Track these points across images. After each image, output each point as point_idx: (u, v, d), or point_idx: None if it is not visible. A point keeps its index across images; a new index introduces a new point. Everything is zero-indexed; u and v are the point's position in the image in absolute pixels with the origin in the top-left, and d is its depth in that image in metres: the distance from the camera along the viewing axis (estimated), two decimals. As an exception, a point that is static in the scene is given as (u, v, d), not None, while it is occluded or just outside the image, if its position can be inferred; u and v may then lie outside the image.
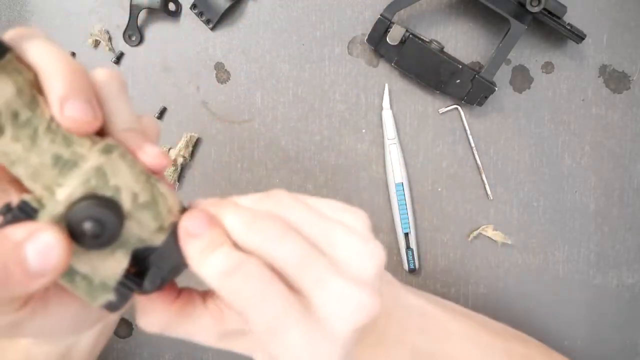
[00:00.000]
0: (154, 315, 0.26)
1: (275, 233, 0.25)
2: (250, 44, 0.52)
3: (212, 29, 0.51)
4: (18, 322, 0.23)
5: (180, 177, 0.53)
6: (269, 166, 0.52)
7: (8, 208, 0.22)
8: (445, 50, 0.50)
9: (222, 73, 0.52)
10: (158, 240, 0.25)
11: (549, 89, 0.51)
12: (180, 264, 0.25)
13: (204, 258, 0.24)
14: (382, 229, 0.52)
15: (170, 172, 0.52)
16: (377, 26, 0.48)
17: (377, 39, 0.48)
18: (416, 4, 0.48)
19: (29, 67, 0.23)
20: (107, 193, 0.23)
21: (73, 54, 0.52)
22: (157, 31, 0.52)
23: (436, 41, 0.48)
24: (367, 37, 0.49)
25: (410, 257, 0.51)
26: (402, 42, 0.47)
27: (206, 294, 0.28)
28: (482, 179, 0.51)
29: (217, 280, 0.24)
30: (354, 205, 0.29)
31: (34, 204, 0.22)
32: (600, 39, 0.50)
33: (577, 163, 0.51)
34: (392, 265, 0.52)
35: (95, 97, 0.24)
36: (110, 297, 0.24)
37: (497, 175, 0.51)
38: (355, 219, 0.27)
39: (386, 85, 0.51)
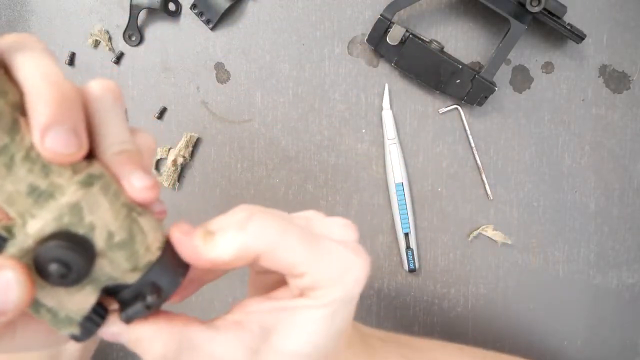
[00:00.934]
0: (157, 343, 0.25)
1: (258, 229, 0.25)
2: (250, 44, 0.52)
3: (212, 29, 0.51)
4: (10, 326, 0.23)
5: (180, 177, 0.53)
6: (269, 166, 0.52)
7: None
8: (445, 50, 0.50)
9: (222, 73, 0.52)
10: (130, 279, 0.24)
11: (549, 89, 0.51)
12: (154, 303, 0.24)
13: (210, 239, 0.24)
14: (382, 229, 0.52)
15: (170, 172, 0.52)
16: (377, 26, 0.48)
17: (377, 39, 0.48)
18: (416, 4, 0.48)
19: (16, 86, 0.22)
20: (80, 231, 0.22)
21: (73, 54, 0.52)
22: (157, 31, 0.52)
23: (436, 41, 0.48)
24: (367, 37, 0.49)
25: (410, 257, 0.51)
26: (402, 42, 0.47)
27: None
28: (482, 179, 0.51)
29: (237, 243, 0.24)
30: (354, 205, 0.29)
31: (4, 233, 0.22)
32: (600, 39, 0.50)
33: (577, 163, 0.51)
34: (392, 265, 0.52)
35: (83, 122, 0.22)
36: (75, 330, 0.24)
37: (497, 175, 0.51)
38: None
39: (386, 85, 0.51)
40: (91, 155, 0.23)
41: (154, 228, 0.24)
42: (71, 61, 0.52)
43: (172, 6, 0.51)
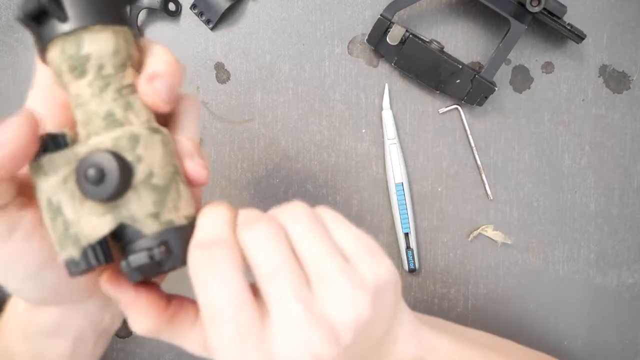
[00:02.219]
0: (143, 319, 0.26)
1: (262, 236, 0.24)
2: (250, 44, 0.52)
3: (212, 29, 0.51)
4: (13, 221, 0.24)
5: (180, 177, 0.53)
6: (269, 166, 0.52)
7: (48, 136, 0.24)
8: (445, 50, 0.50)
9: (222, 73, 0.52)
10: (148, 228, 0.24)
11: (549, 89, 0.51)
12: (159, 258, 0.24)
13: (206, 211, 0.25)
14: (382, 229, 0.52)
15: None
16: (377, 26, 0.48)
17: (377, 39, 0.48)
18: (416, 4, 0.48)
19: (139, 50, 0.26)
20: (128, 157, 0.24)
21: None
22: (157, 31, 0.52)
23: (436, 41, 0.48)
24: (367, 37, 0.49)
25: (410, 257, 0.51)
26: (402, 42, 0.47)
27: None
28: (482, 179, 0.51)
29: (192, 245, 0.24)
30: (354, 205, 0.28)
31: (68, 140, 0.24)
32: (600, 39, 0.50)
33: (577, 163, 0.51)
34: (392, 265, 0.52)
35: (176, 94, 0.26)
36: (75, 254, 0.24)
37: (497, 175, 0.51)
38: (373, 267, 0.25)
39: (386, 85, 0.51)
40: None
41: (188, 199, 0.26)
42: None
43: (172, 6, 0.51)
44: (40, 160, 0.24)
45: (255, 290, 0.25)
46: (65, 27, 0.24)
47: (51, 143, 0.24)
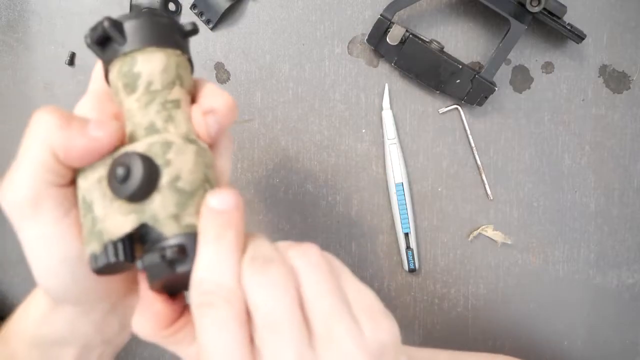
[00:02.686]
0: (146, 325, 0.25)
1: (270, 282, 0.23)
2: (250, 44, 0.52)
3: (212, 29, 0.51)
4: (70, 202, 0.26)
5: (180, 177, 0.53)
6: (269, 166, 0.52)
7: None
8: (445, 50, 0.50)
9: (222, 73, 0.52)
10: (169, 229, 0.24)
11: (549, 89, 0.51)
12: (172, 259, 0.24)
13: (206, 241, 0.24)
14: (382, 229, 0.52)
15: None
16: (377, 26, 0.48)
17: (377, 39, 0.48)
18: (416, 4, 0.48)
19: (191, 75, 0.29)
20: (157, 161, 0.25)
21: (73, 54, 0.52)
22: (157, 31, 0.52)
23: (436, 41, 0.48)
24: (367, 37, 0.49)
25: (410, 257, 0.51)
26: (402, 42, 0.47)
27: None
28: (482, 179, 0.51)
29: (194, 277, 0.23)
30: (354, 205, 0.28)
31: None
32: (600, 39, 0.50)
33: (577, 163, 0.51)
34: (392, 265, 0.52)
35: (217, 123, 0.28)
36: (97, 249, 0.25)
37: (497, 175, 0.51)
38: (376, 330, 0.24)
39: (386, 85, 0.51)
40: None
41: None
42: (71, 61, 0.52)
43: (172, 6, 0.51)
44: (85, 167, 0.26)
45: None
46: (123, 49, 0.27)
47: None
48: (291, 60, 0.51)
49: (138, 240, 0.25)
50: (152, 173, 0.25)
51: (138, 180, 0.24)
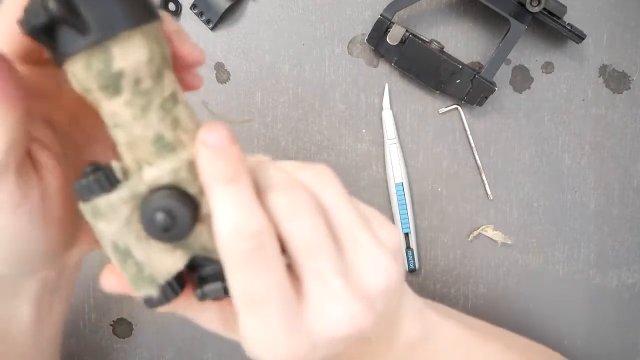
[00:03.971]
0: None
1: (297, 208, 0.23)
2: (250, 44, 0.52)
3: (212, 29, 0.51)
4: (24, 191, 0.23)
5: (180, 177, 0.53)
6: (269, 166, 0.52)
7: (95, 168, 0.22)
8: (445, 50, 0.50)
9: (222, 73, 0.52)
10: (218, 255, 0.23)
11: (549, 89, 0.51)
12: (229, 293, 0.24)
13: (222, 186, 0.22)
14: (382, 229, 0.52)
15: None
16: (377, 26, 0.48)
17: (377, 39, 0.48)
18: (416, 4, 0.48)
19: (168, 41, 0.23)
20: (191, 190, 0.22)
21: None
22: (157, 31, 0.52)
23: (436, 41, 0.48)
24: (367, 37, 0.49)
25: (410, 257, 0.51)
26: (402, 42, 0.47)
27: None
28: (482, 179, 0.51)
29: (224, 231, 0.22)
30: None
31: (119, 175, 0.22)
32: (600, 39, 0.50)
33: (577, 163, 0.51)
34: (392, 265, 0.52)
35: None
36: (153, 292, 0.23)
37: (497, 175, 0.51)
38: (390, 235, 0.26)
39: (386, 85, 0.51)
40: None
41: None
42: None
43: (172, 6, 0.51)
44: (95, 203, 0.22)
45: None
46: (87, 39, 0.20)
47: (104, 179, 0.22)
48: (291, 60, 0.51)
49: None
50: (192, 209, 0.22)
51: (186, 225, 0.22)
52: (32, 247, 0.25)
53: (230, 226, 0.22)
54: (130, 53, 0.21)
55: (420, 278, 0.52)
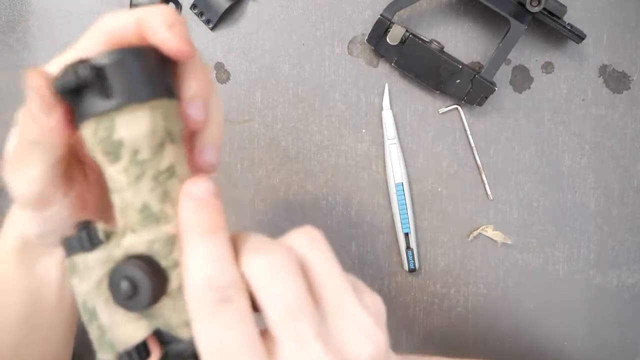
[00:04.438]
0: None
1: (276, 270, 0.23)
2: (250, 44, 0.52)
3: (212, 29, 0.51)
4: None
5: (180, 177, 0.53)
6: (269, 166, 0.52)
7: (83, 226, 0.23)
8: (445, 50, 0.50)
9: (222, 73, 0.52)
10: (184, 334, 0.23)
11: (549, 89, 0.51)
12: None
13: (199, 237, 0.22)
14: (382, 229, 0.52)
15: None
16: (377, 26, 0.48)
17: (377, 39, 0.48)
18: (416, 4, 0.48)
19: (182, 119, 0.25)
20: (163, 263, 0.23)
21: (73, 54, 0.52)
22: (157, 31, 0.52)
23: (436, 41, 0.48)
24: (367, 37, 0.49)
25: (410, 257, 0.51)
26: (402, 42, 0.47)
27: None
28: (482, 179, 0.51)
29: (194, 280, 0.22)
30: (354, 205, 0.28)
31: (102, 236, 0.23)
32: (600, 39, 0.50)
33: (577, 163, 0.51)
34: (392, 265, 0.52)
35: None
36: (111, 359, 0.23)
37: (497, 175, 0.51)
38: (373, 301, 0.25)
39: (386, 85, 0.51)
40: None
41: None
42: (71, 61, 0.52)
43: (172, 6, 0.51)
44: (74, 260, 0.23)
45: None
46: (102, 106, 0.22)
47: (86, 239, 0.23)
48: (291, 60, 0.51)
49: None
50: (160, 281, 0.22)
51: (147, 297, 0.22)
52: (68, 228, 0.28)
53: (201, 277, 0.22)
54: (132, 125, 0.22)
55: (420, 278, 0.52)
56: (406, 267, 0.51)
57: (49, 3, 0.52)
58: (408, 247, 0.51)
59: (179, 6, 0.51)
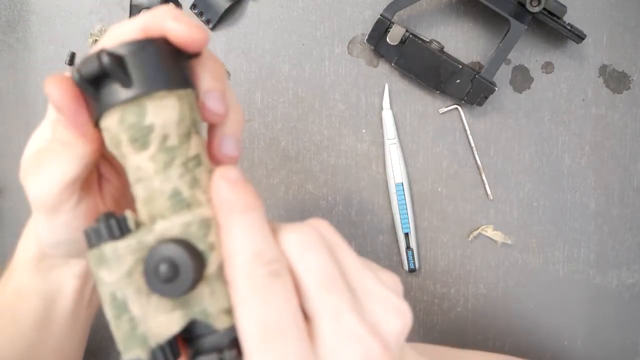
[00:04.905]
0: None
1: (309, 243, 0.23)
2: (250, 44, 0.52)
3: (212, 29, 0.51)
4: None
5: (180, 177, 0.53)
6: (269, 166, 0.52)
7: (108, 216, 0.22)
8: (445, 50, 0.50)
9: (222, 73, 0.52)
10: (220, 323, 0.22)
11: (549, 89, 0.51)
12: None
13: (242, 214, 0.23)
14: (382, 229, 0.52)
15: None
16: (377, 26, 0.48)
17: (377, 39, 0.48)
18: (416, 4, 0.48)
19: (199, 115, 0.25)
20: (199, 246, 0.22)
21: (73, 54, 0.52)
22: (157, 31, 0.52)
23: (436, 41, 0.48)
24: (367, 37, 0.49)
25: (410, 257, 0.51)
26: (402, 42, 0.47)
27: None
28: (482, 179, 0.51)
29: (243, 256, 0.22)
30: (354, 205, 0.28)
31: (131, 225, 0.23)
32: (600, 39, 0.50)
33: (577, 163, 0.51)
34: (392, 265, 0.52)
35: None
36: (143, 355, 0.22)
37: (497, 175, 0.51)
38: (391, 279, 0.26)
39: (386, 85, 0.51)
40: None
41: None
42: (71, 61, 0.52)
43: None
44: (103, 249, 0.22)
45: None
46: (126, 93, 0.22)
47: (116, 228, 0.22)
48: (291, 60, 0.51)
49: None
50: (199, 264, 0.22)
51: (189, 279, 0.21)
52: (78, 242, 0.28)
53: (249, 251, 0.22)
54: (161, 111, 0.23)
55: (420, 278, 0.52)
56: (406, 267, 0.51)
57: (49, 3, 0.52)
58: (408, 247, 0.51)
59: (179, 6, 0.51)
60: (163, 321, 0.22)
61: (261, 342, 0.21)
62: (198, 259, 0.22)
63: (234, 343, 0.22)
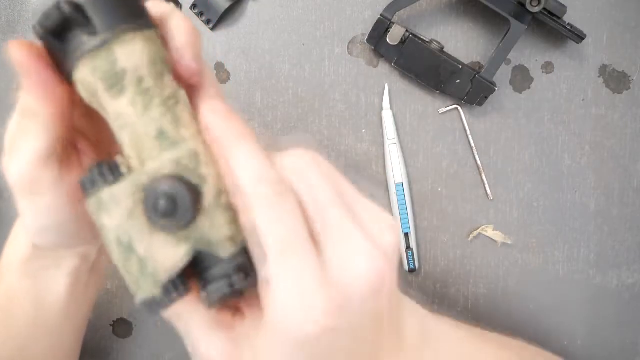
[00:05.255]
0: (212, 338, 0.25)
1: (313, 167, 0.24)
2: (250, 44, 0.52)
3: (212, 29, 0.51)
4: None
5: (180, 177, 0.53)
6: (269, 166, 0.52)
7: (99, 164, 0.23)
8: (445, 50, 0.50)
9: (222, 73, 0.52)
10: (224, 251, 0.23)
11: (549, 89, 0.51)
12: (238, 284, 0.23)
13: (240, 140, 0.24)
14: (382, 229, 0.52)
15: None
16: (377, 26, 0.48)
17: (377, 39, 0.48)
18: (416, 4, 0.48)
19: (168, 48, 0.25)
20: (193, 180, 0.23)
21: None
22: (157, 31, 0.52)
23: (436, 41, 0.48)
24: (367, 37, 0.49)
25: (410, 257, 0.51)
26: (402, 42, 0.47)
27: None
28: (482, 179, 0.51)
29: (249, 177, 0.23)
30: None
31: (123, 169, 0.23)
32: (600, 39, 0.50)
33: (577, 163, 0.51)
34: (392, 265, 0.52)
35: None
36: (156, 292, 0.23)
37: (497, 175, 0.51)
38: (379, 207, 0.27)
39: (386, 85, 0.51)
40: None
41: None
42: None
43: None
44: (100, 195, 0.23)
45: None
46: (94, 41, 0.22)
47: (109, 173, 0.23)
48: (291, 60, 0.51)
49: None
50: (196, 196, 0.22)
51: (188, 210, 0.22)
52: (71, 223, 0.28)
53: (253, 173, 0.23)
54: (132, 54, 0.23)
55: (420, 278, 0.52)
56: (406, 267, 0.51)
57: (49, 3, 0.52)
58: (408, 247, 0.51)
59: (179, 6, 0.51)
60: (170, 255, 0.23)
61: (280, 253, 0.23)
62: (195, 192, 0.22)
63: (240, 268, 0.23)
